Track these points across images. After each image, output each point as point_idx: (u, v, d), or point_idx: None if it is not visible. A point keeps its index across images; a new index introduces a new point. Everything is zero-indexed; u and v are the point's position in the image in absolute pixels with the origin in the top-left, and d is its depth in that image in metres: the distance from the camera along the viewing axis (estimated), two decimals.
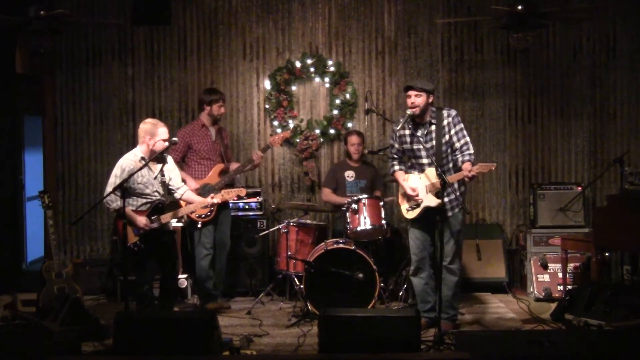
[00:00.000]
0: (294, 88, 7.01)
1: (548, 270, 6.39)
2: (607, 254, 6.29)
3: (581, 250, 6.08)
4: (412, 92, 5.15)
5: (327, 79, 6.98)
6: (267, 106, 7.00)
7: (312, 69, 6.95)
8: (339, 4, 7.02)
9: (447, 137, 5.19)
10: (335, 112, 6.95)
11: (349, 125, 6.94)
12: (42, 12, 5.71)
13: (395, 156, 5.40)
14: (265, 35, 7.03)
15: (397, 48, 7.02)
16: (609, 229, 5.48)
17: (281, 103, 6.94)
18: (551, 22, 6.65)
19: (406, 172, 5.38)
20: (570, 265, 6.22)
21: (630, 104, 6.99)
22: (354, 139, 6.47)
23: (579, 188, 6.63)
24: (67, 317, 5.11)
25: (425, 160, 5.22)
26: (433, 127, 5.20)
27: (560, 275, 6.21)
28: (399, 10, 7.00)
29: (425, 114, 5.20)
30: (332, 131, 6.96)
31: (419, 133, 5.21)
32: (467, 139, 5.21)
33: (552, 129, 7.03)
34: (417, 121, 5.23)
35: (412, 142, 5.25)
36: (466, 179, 5.06)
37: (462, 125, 5.23)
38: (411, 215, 5.31)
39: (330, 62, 6.96)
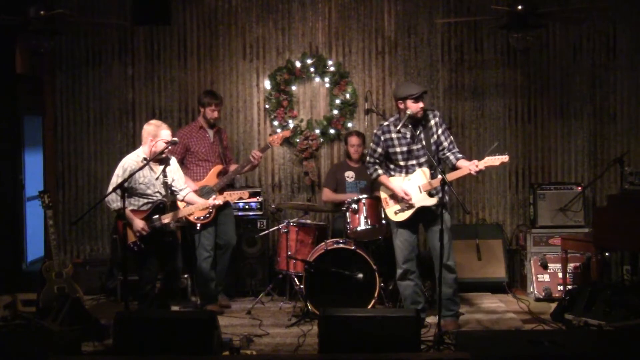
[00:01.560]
0: (294, 88, 7.01)
1: (548, 270, 6.38)
2: (607, 254, 6.29)
3: (581, 250, 6.08)
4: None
5: (327, 79, 6.98)
6: (267, 106, 7.00)
7: (312, 69, 6.95)
8: (339, 4, 7.02)
9: (435, 136, 5.25)
10: (335, 112, 6.95)
11: (349, 125, 6.94)
12: (42, 12, 5.70)
13: (378, 161, 5.40)
14: (265, 35, 7.03)
15: (397, 48, 7.02)
16: (609, 229, 5.48)
17: (281, 103, 6.94)
18: (551, 22, 6.65)
19: (388, 176, 5.39)
20: (570, 265, 6.21)
21: (630, 104, 6.99)
22: (353, 140, 6.47)
23: (579, 188, 6.62)
24: (67, 317, 5.11)
25: (414, 161, 5.25)
26: (421, 128, 5.26)
27: (560, 275, 6.20)
28: (399, 10, 7.00)
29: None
30: (332, 131, 6.96)
31: (408, 135, 5.23)
32: (452, 138, 5.36)
33: (552, 129, 7.03)
34: (411, 122, 5.26)
35: (401, 145, 5.27)
36: (473, 173, 5.06)
37: (445, 125, 5.37)
38: (402, 217, 5.30)
39: (330, 62, 6.96)
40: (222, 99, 6.20)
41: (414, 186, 5.24)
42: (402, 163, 5.31)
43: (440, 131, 5.26)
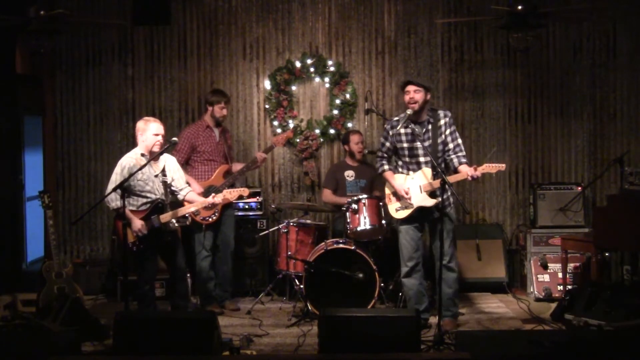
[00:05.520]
0: (294, 88, 7.01)
1: (548, 270, 6.38)
2: (607, 254, 6.29)
3: (581, 250, 6.08)
4: (411, 88, 5.18)
5: (327, 79, 6.98)
6: (267, 106, 7.00)
7: (312, 69, 6.95)
8: (339, 4, 7.02)
9: (442, 136, 5.23)
10: (335, 112, 6.95)
11: (349, 125, 6.94)
12: (42, 12, 5.70)
13: (385, 155, 5.41)
14: (265, 35, 7.03)
15: (397, 48, 7.02)
16: (609, 229, 5.48)
17: (281, 103, 6.94)
18: (551, 22, 6.65)
19: (394, 172, 5.39)
20: (570, 265, 6.22)
21: (630, 104, 6.98)
22: (357, 138, 6.46)
23: (579, 188, 6.62)
24: (67, 317, 5.11)
25: (422, 159, 5.24)
26: (430, 126, 5.24)
27: (560, 275, 6.21)
28: (399, 10, 7.00)
29: (423, 112, 5.24)
30: (332, 131, 6.96)
31: (416, 131, 5.22)
32: (460, 140, 5.30)
33: (552, 129, 7.03)
34: (413, 119, 5.24)
35: (409, 141, 5.26)
36: (469, 179, 5.07)
37: (455, 127, 5.32)
38: (401, 215, 5.32)
39: (330, 62, 6.96)
40: (230, 97, 6.20)
41: (415, 186, 5.24)
42: (407, 160, 5.31)
43: (448, 132, 5.23)
